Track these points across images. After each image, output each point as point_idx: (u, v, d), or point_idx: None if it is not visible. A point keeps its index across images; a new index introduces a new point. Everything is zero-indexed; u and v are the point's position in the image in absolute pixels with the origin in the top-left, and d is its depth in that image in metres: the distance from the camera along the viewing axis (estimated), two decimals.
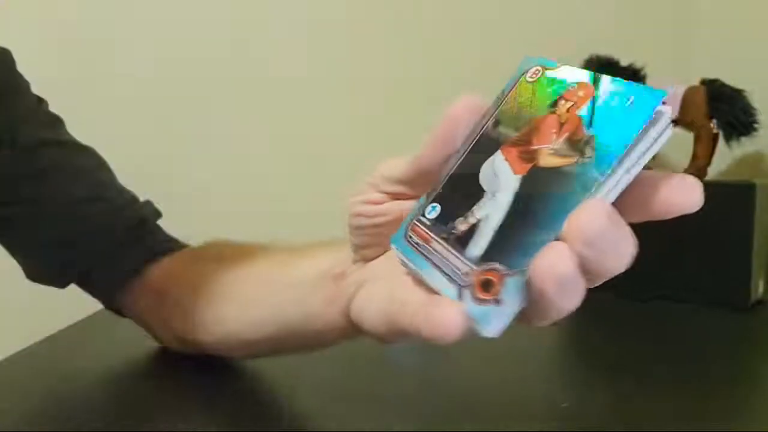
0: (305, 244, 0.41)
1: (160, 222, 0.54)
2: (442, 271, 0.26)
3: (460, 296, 0.24)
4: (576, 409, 0.42)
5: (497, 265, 0.24)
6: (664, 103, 0.23)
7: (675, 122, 0.84)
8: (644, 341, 0.60)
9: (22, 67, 0.52)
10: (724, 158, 0.89)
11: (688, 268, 0.75)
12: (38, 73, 0.54)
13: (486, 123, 0.28)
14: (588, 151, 0.23)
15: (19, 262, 0.52)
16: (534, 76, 0.27)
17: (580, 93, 0.25)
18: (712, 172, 0.83)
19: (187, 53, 0.91)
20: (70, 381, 0.48)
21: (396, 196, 0.31)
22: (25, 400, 0.44)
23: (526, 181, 0.25)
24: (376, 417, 0.40)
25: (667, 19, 1.04)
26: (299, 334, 0.39)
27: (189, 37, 0.91)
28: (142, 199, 0.54)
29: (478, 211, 0.26)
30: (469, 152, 0.27)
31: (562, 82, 0.26)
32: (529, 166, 0.25)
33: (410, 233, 0.28)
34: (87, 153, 0.53)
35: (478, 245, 0.25)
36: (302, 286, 0.38)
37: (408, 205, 0.30)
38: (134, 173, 0.56)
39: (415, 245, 0.27)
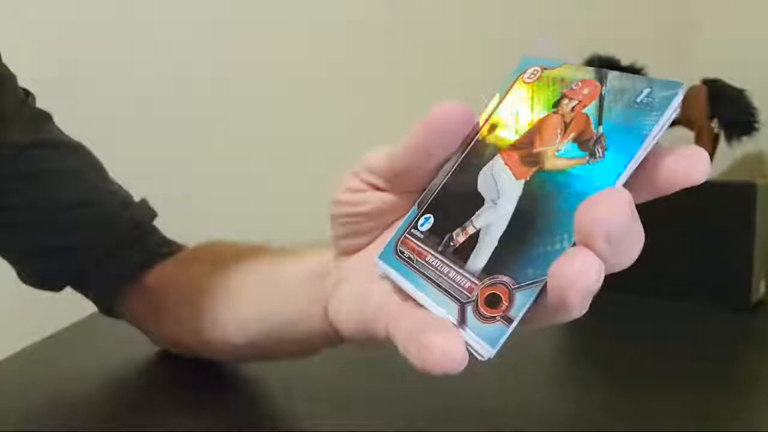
0: (296, 246, 0.40)
1: (157, 222, 0.53)
2: (440, 288, 0.23)
3: (462, 314, 0.22)
4: (576, 408, 0.42)
5: (504, 278, 0.22)
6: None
7: (676, 122, 0.84)
8: (644, 341, 0.60)
9: (19, 66, 0.52)
10: (725, 158, 0.89)
11: (688, 267, 0.75)
12: (35, 71, 0.54)
13: (481, 127, 0.26)
14: (599, 151, 0.22)
15: (12, 266, 0.51)
16: (533, 76, 0.26)
17: (585, 91, 0.24)
18: (713, 172, 0.83)
19: (186, 53, 0.91)
20: (70, 381, 0.48)
21: (375, 187, 0.29)
22: (25, 400, 0.43)
23: (529, 186, 0.23)
24: (372, 419, 0.40)
25: (668, 19, 1.04)
26: (285, 338, 0.38)
27: (188, 37, 0.91)
28: (137, 198, 0.53)
29: (477, 221, 0.24)
30: (463, 159, 0.26)
31: (564, 80, 0.25)
32: (533, 170, 0.23)
33: (401, 247, 0.26)
34: (77, 152, 0.51)
35: (480, 257, 0.23)
36: (288, 287, 0.37)
37: (386, 198, 0.29)
38: (132, 173, 0.56)
39: (408, 260, 0.25)
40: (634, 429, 0.39)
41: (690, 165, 0.22)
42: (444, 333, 0.22)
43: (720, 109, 0.79)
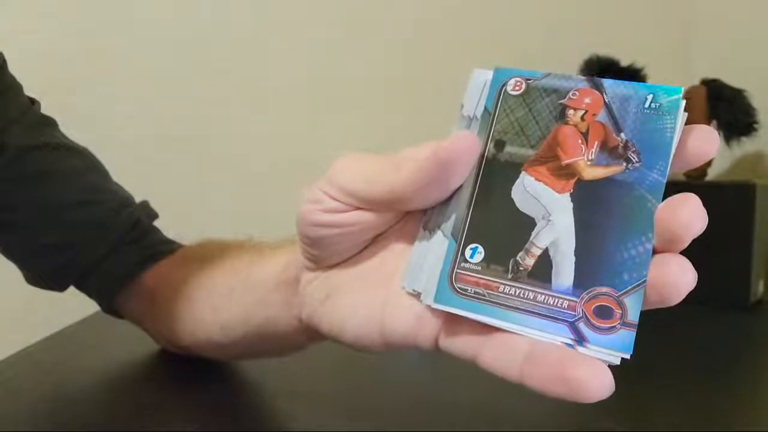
0: (274, 242, 0.40)
1: (157, 222, 0.53)
2: (535, 314, 0.23)
3: (576, 332, 0.23)
4: (575, 408, 0.42)
5: (603, 289, 0.23)
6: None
7: None
8: (644, 341, 0.60)
9: (19, 66, 0.52)
10: (724, 158, 0.89)
11: None
12: (37, 73, 0.54)
13: (486, 146, 0.26)
14: (634, 156, 0.23)
15: (19, 268, 0.51)
16: (518, 88, 0.26)
17: (587, 100, 0.25)
18: (712, 172, 0.83)
19: (186, 53, 0.91)
20: (70, 381, 0.48)
21: (357, 207, 0.28)
22: (25, 400, 0.43)
23: (577, 198, 0.24)
24: (373, 419, 0.40)
25: (667, 19, 1.04)
26: (265, 337, 0.38)
27: (187, 38, 0.91)
28: (138, 199, 0.53)
29: (539, 240, 0.24)
30: (482, 181, 0.25)
31: (557, 91, 0.25)
32: (572, 181, 0.24)
33: (459, 285, 0.24)
34: (80, 155, 0.52)
35: (564, 275, 0.23)
36: (264, 287, 0.37)
37: (375, 217, 0.28)
38: (133, 173, 0.56)
39: (477, 296, 0.24)
40: (633, 429, 0.39)
41: (709, 145, 0.24)
42: (585, 364, 0.22)
43: (719, 110, 0.79)
